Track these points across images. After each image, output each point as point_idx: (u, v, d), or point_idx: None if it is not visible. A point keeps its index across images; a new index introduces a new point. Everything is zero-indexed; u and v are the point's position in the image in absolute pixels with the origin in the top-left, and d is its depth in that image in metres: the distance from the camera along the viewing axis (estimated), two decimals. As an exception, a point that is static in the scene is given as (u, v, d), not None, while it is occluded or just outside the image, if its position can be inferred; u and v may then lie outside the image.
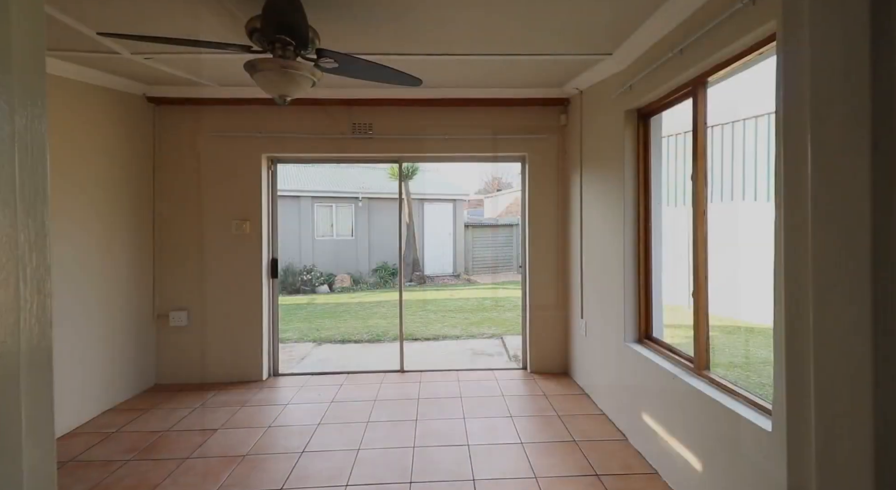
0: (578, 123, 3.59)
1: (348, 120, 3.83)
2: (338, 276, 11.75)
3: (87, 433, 2.92)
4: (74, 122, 3.04)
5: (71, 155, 3.00)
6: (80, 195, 3.07)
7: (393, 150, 3.89)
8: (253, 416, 3.19)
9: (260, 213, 3.83)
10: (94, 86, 3.17)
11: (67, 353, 2.96)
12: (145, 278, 3.71)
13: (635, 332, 2.79)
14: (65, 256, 2.93)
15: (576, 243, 3.67)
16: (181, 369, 3.83)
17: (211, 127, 3.76)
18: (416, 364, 4.41)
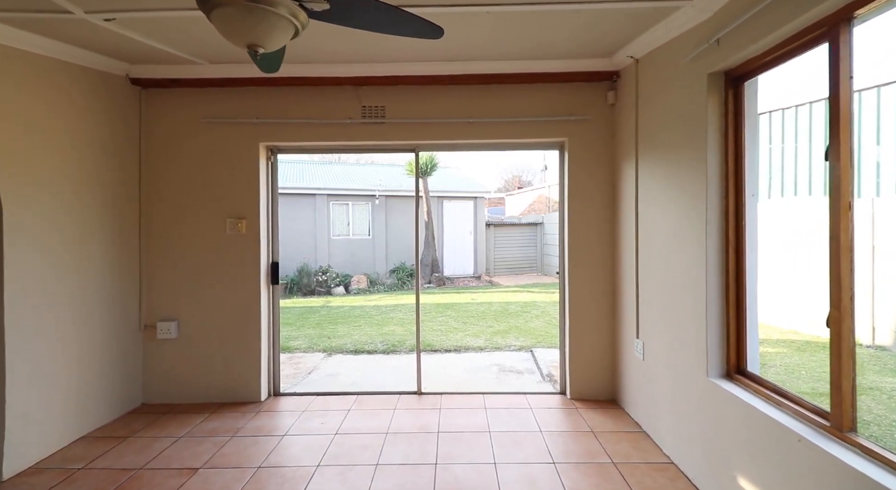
0: (633, 101, 2.94)
1: (357, 102, 3.28)
2: (354, 278, 11.32)
3: (50, 470, 2.47)
4: (43, 104, 2.59)
5: (38, 143, 2.55)
6: (48, 190, 2.62)
7: (408, 136, 3.33)
8: (242, 451, 2.68)
9: (257, 211, 3.33)
10: (68, 63, 2.72)
11: (32, 373, 2.51)
12: (130, 284, 3.26)
13: (721, 364, 2.15)
14: (29, 261, 2.48)
15: (629, 246, 3.03)
16: (170, 387, 3.38)
17: (203, 112, 3.29)
18: (436, 383, 3.84)
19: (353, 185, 12.64)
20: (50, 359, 2.63)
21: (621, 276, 3.19)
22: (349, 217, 12.37)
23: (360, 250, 12.21)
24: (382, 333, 6.12)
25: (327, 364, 4.67)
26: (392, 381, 4.00)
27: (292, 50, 2.75)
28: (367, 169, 15.11)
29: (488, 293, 9.99)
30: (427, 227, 11.73)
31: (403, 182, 13.00)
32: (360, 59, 2.96)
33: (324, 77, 3.07)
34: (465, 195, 13.27)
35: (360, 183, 12.85)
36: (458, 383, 3.86)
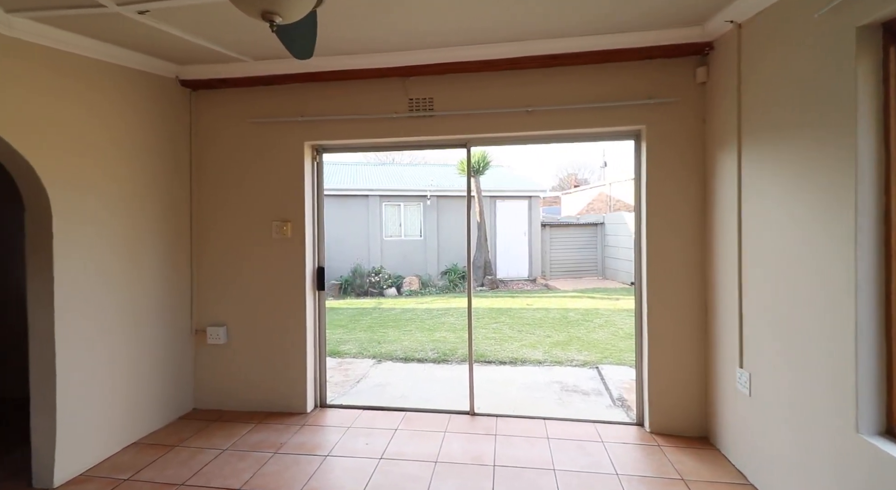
0: (733, 75, 2.39)
1: (404, 95, 3.02)
2: (406, 279, 11.24)
3: (97, 478, 2.45)
4: (96, 108, 2.59)
5: (90, 148, 2.55)
6: (99, 195, 2.61)
7: (459, 129, 3.00)
8: (282, 471, 2.51)
9: (303, 214, 3.18)
10: (120, 66, 2.71)
11: (83, 380, 2.50)
12: (181, 287, 3.24)
13: (880, 417, 1.59)
14: (77, 265, 2.47)
15: (727, 256, 2.48)
16: (220, 393, 3.33)
17: (250, 112, 3.19)
18: (490, 401, 3.49)
19: (404, 185, 12.60)
20: (100, 365, 2.62)
21: (716, 291, 2.64)
22: (401, 218, 12.33)
23: (412, 251, 12.13)
24: (433, 340, 5.86)
25: (376, 372, 4.49)
26: (442, 395, 3.70)
27: (335, 40, 2.54)
28: (419, 169, 15.06)
29: (545, 298, 9.43)
30: (479, 228, 11.38)
31: (455, 181, 12.75)
32: (408, 47, 2.68)
33: (368, 69, 2.84)
34: (518, 194, 12.74)
35: (411, 183, 12.79)
36: (515, 403, 3.48)
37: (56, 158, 2.36)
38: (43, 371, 2.35)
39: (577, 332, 6.15)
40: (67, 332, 2.41)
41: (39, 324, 2.35)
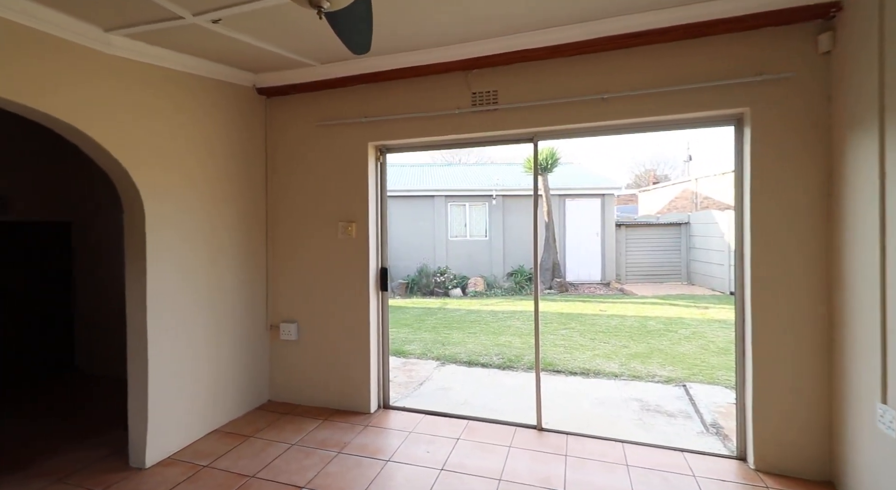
0: (873, 39, 1.92)
1: (466, 89, 2.89)
2: (471, 280, 11.13)
3: (181, 463, 2.63)
4: (183, 117, 2.80)
5: (177, 153, 2.76)
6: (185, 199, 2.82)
7: (525, 122, 2.80)
8: (345, 473, 2.50)
9: (366, 214, 3.19)
10: (204, 77, 2.91)
11: (170, 371, 2.71)
12: (257, 285, 3.42)
13: None
14: (166, 266, 2.69)
15: (864, 266, 2.00)
16: (292, 387, 3.46)
17: (318, 116, 3.28)
18: (559, 416, 3.23)
19: (469, 185, 12.51)
20: (184, 357, 2.82)
21: (847, 303, 2.15)
22: (466, 218, 12.26)
23: (477, 252, 12.00)
24: (498, 344, 5.66)
25: (440, 375, 4.41)
26: (507, 404, 3.50)
27: (395, 38, 2.47)
28: (484, 169, 14.90)
29: (620, 304, 8.76)
30: (547, 228, 10.92)
31: (522, 180, 12.38)
32: (471, 37, 2.55)
33: (429, 64, 2.75)
34: (590, 192, 12.01)
35: (476, 183, 12.67)
36: (587, 420, 3.18)
37: (147, 166, 2.57)
38: (138, 360, 2.58)
39: (658, 344, 5.57)
40: (157, 325, 2.62)
41: (135, 317, 2.58)
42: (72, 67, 2.20)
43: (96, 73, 2.30)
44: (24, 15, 1.98)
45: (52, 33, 2.10)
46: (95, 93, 2.30)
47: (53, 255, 4.22)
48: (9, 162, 3.89)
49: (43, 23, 2.05)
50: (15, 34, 1.99)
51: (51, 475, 2.47)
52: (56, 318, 4.22)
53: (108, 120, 2.35)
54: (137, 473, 2.50)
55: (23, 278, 4.00)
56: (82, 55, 2.24)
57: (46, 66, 2.10)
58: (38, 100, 2.05)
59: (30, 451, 2.72)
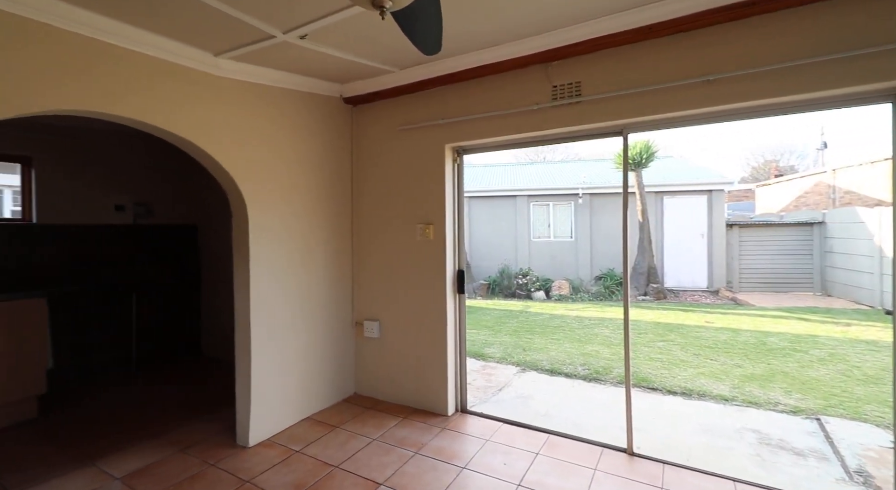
0: None
1: (546, 82, 2.72)
2: (555, 283, 10.67)
3: (277, 445, 2.87)
4: (278, 129, 3.07)
5: (274, 163, 3.03)
6: (282, 203, 3.09)
7: (613, 114, 2.54)
8: (421, 475, 2.51)
9: (443, 216, 3.19)
10: (296, 91, 3.15)
11: (269, 362, 2.98)
12: (344, 284, 3.62)
13: None
14: (265, 269, 2.96)
15: None
16: (375, 383, 3.61)
17: (398, 121, 3.37)
18: (654, 440, 2.88)
19: (553, 184, 12.01)
20: (281, 348, 3.08)
21: None
22: (550, 218, 11.80)
23: (562, 253, 11.47)
24: (584, 353, 5.31)
25: (520, 382, 4.25)
26: (593, 420, 3.24)
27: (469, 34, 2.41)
28: (570, 166, 14.20)
29: (732, 316, 7.68)
30: (641, 229, 10.01)
31: (611, 177, 11.55)
32: (549, 26, 2.38)
33: (506, 60, 2.63)
34: (694, 188, 10.75)
35: (561, 181, 12.11)
36: (689, 449, 2.79)
37: (250, 175, 2.85)
38: (243, 350, 2.88)
39: (782, 365, 4.74)
40: (258, 320, 2.89)
41: (241, 311, 2.88)
42: (190, 90, 2.53)
43: (209, 93, 2.62)
44: (156, 48, 2.32)
45: (177, 62, 2.43)
46: (209, 111, 2.61)
47: (184, 253, 4.95)
48: (152, 177, 4.67)
49: (170, 54, 2.38)
50: (149, 66, 2.34)
51: (177, 444, 2.87)
52: (186, 307, 4.94)
53: (218, 135, 2.66)
54: (242, 451, 2.79)
55: (160, 272, 4.74)
56: (198, 79, 2.56)
57: (171, 90, 2.44)
58: (165, 120, 2.39)
59: (163, 423, 3.20)
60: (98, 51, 2.13)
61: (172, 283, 4.81)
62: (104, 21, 2.08)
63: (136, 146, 4.37)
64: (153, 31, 2.24)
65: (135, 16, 2.07)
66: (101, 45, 2.14)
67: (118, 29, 2.14)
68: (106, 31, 2.12)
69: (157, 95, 2.36)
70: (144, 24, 2.15)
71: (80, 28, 2.04)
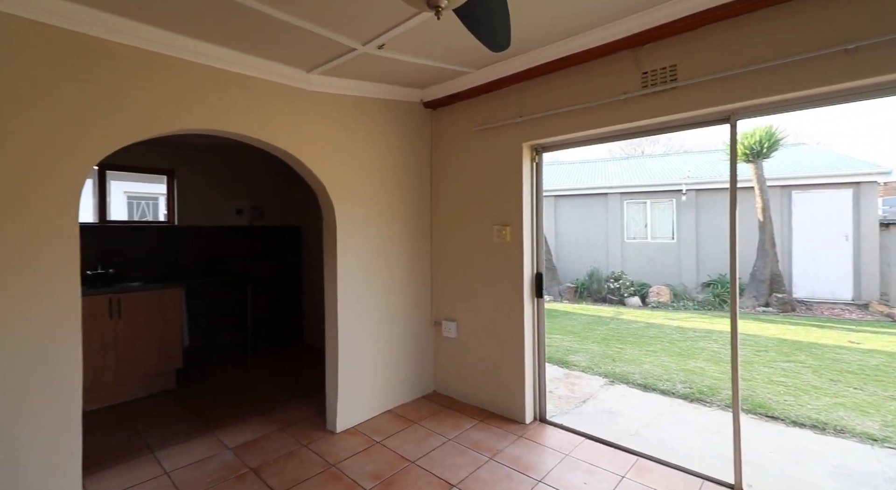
0: None
1: (635, 69, 2.46)
2: (653, 288, 9.75)
3: (361, 435, 3.03)
4: (364, 134, 3.25)
5: (359, 167, 3.21)
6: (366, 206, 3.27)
7: (717, 99, 2.21)
8: (494, 483, 2.45)
9: (521, 217, 3.09)
10: (378, 99, 3.31)
11: (354, 356, 3.17)
12: (423, 283, 3.70)
13: None
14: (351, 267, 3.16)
15: None
16: (453, 382, 3.64)
17: (475, 121, 3.35)
18: (773, 482, 2.45)
19: (651, 180, 10.96)
20: (365, 343, 3.25)
21: None
22: (647, 217, 10.79)
23: (661, 256, 10.42)
24: (685, 369, 4.75)
25: (607, 395, 3.95)
26: (692, 446, 2.87)
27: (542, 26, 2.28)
28: (671, 160, 12.84)
29: (887, 335, 6.25)
30: (762, 229, 8.65)
31: (724, 169, 10.16)
32: (637, 6, 2.15)
33: (588, 49, 2.44)
34: (833, 181, 8.97)
35: (660, 177, 11.00)
36: (819, 494, 2.31)
37: (338, 181, 3.07)
38: (332, 341, 3.11)
39: (963, 402, 3.71)
40: (345, 316, 3.10)
41: (330, 306, 3.11)
42: (287, 105, 2.80)
43: (302, 107, 2.87)
44: (257, 70, 2.61)
45: (276, 81, 2.71)
46: (302, 124, 2.87)
47: (289, 251, 5.53)
48: (263, 184, 5.30)
49: (270, 74, 2.66)
50: (252, 86, 2.64)
51: (278, 423, 3.20)
52: (290, 299, 5.52)
53: (310, 145, 2.90)
54: (330, 436, 3.01)
55: (269, 268, 5.36)
56: (293, 94, 2.83)
57: (271, 107, 2.72)
58: (266, 134, 2.68)
59: (268, 402, 3.60)
60: (210, 76, 2.46)
61: (279, 277, 5.41)
62: (215, 49, 2.39)
63: (253, 158, 5.00)
64: (256, 55, 2.52)
65: (240, 41, 2.35)
66: (213, 71, 2.47)
67: (227, 55, 2.45)
68: (217, 58, 2.43)
69: (259, 112, 2.66)
70: (248, 48, 2.44)
71: (197, 57, 2.37)
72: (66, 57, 2.01)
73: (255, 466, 2.63)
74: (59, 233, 1.98)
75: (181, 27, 2.17)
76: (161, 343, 3.77)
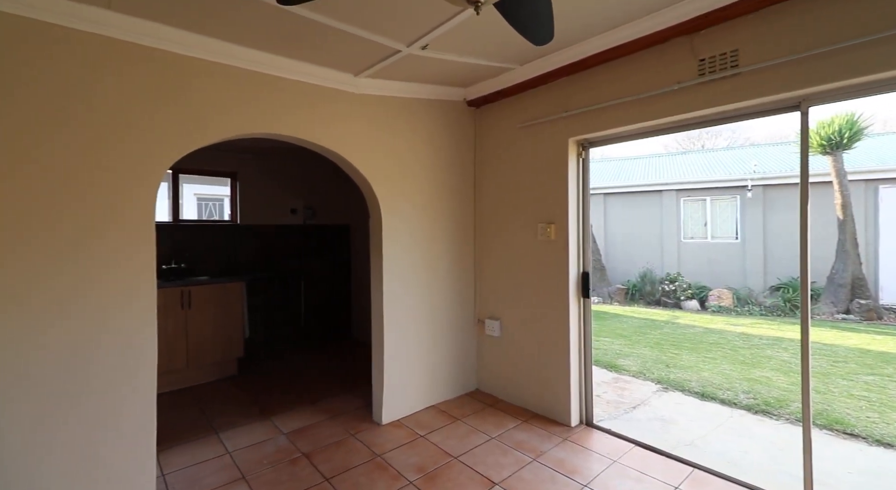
0: None
1: (691, 57, 2.32)
2: (713, 291, 9.12)
3: (405, 428, 3.10)
4: (413, 136, 3.32)
5: (403, 167, 3.29)
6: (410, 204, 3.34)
7: (785, 84, 2.02)
8: (538, 484, 2.41)
9: (566, 215, 3.01)
10: (423, 99, 3.37)
11: (398, 352, 3.25)
12: (466, 281, 3.72)
13: None
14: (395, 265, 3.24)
15: None
16: (496, 381, 3.63)
17: (519, 118, 3.31)
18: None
19: (711, 175, 10.24)
20: (408, 340, 3.32)
21: None
22: (706, 215, 10.10)
23: (723, 257, 9.71)
24: (750, 379, 4.41)
25: (660, 402, 3.76)
26: (755, 460, 2.66)
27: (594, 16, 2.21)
28: (734, 153, 11.91)
29: None
30: (842, 229, 7.80)
31: (795, 163, 9.29)
32: (697, -10, 2.03)
33: (639, 38, 2.33)
34: (935, 172, 7.92)
35: (722, 172, 10.25)
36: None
37: (383, 181, 3.15)
38: (377, 336, 3.21)
39: None
40: (390, 313, 3.18)
41: (376, 300, 3.21)
42: (335, 107, 2.92)
43: (349, 109, 2.98)
44: (308, 75, 2.74)
45: (325, 85, 2.84)
46: (349, 125, 2.98)
47: (339, 249, 5.77)
48: (315, 185, 5.55)
49: (319, 78, 2.79)
50: (302, 91, 2.78)
51: (328, 412, 3.36)
52: (339, 295, 5.75)
53: (357, 145, 3.01)
54: (376, 427, 3.11)
55: (320, 265, 5.61)
56: (341, 97, 2.94)
57: (320, 110, 2.85)
58: (315, 135, 2.81)
59: (319, 392, 3.78)
60: (267, 83, 2.61)
61: (329, 274, 5.66)
62: (271, 58, 2.54)
63: (306, 160, 5.26)
64: (309, 61, 2.66)
65: (294, 49, 2.49)
66: (270, 78, 2.61)
67: (282, 63, 2.60)
68: (273, 66, 2.58)
69: (308, 115, 2.79)
70: (302, 56, 2.58)
71: (255, 66, 2.53)
72: (156, 79, 2.22)
73: (306, 452, 2.77)
74: (140, 230, 2.19)
75: (239, 37, 2.33)
76: (225, 333, 4.07)
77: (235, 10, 2.02)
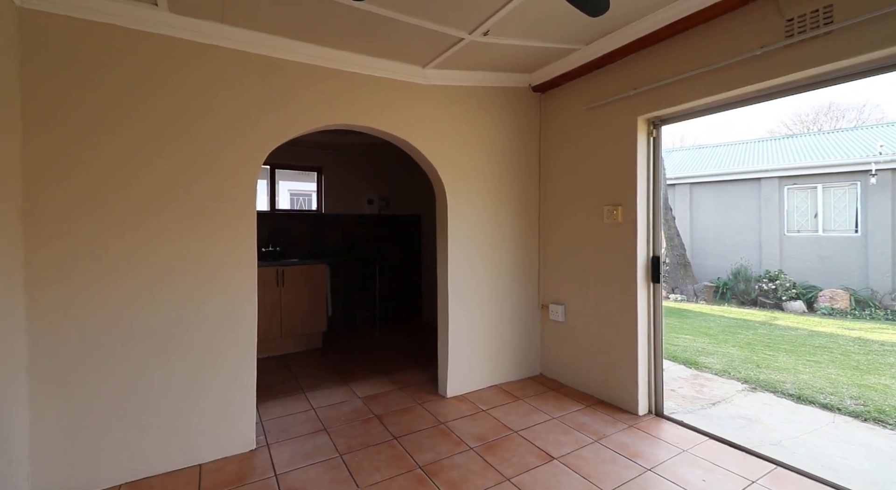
0: None
1: (777, 17, 2.13)
2: (824, 292, 7.99)
3: (468, 402, 3.26)
4: (475, 121, 3.44)
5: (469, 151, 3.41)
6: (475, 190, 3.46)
7: (891, 37, 1.78)
8: (598, 464, 2.42)
9: (634, 196, 2.92)
10: (488, 87, 3.46)
11: (461, 332, 3.40)
12: (531, 266, 3.75)
13: None
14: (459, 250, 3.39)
15: None
16: (559, 366, 3.63)
17: (585, 99, 3.26)
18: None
19: (824, 159, 8.90)
20: (473, 322, 3.46)
21: None
22: (817, 205, 8.82)
23: (838, 253, 8.43)
24: (861, 385, 3.87)
25: (745, 401, 3.47)
26: (857, 468, 2.37)
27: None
28: (853, 135, 10.21)
29: None
30: None
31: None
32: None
33: (714, 4, 2.19)
34: None
35: (836, 155, 8.86)
36: None
37: (450, 168, 3.31)
38: (443, 317, 3.39)
39: None
40: (455, 293, 3.35)
41: (442, 284, 3.39)
42: (407, 99, 3.13)
43: (418, 100, 3.18)
44: (384, 70, 2.99)
45: (398, 78, 3.07)
46: (419, 115, 3.18)
47: (411, 237, 6.10)
48: (389, 178, 5.93)
49: (393, 73, 3.02)
50: (379, 85, 3.03)
51: (398, 383, 3.63)
52: (411, 280, 6.08)
53: (425, 134, 3.20)
54: (441, 399, 3.31)
55: (393, 252, 5.98)
56: (411, 89, 3.14)
57: (394, 102, 3.08)
58: (390, 125, 3.05)
59: (390, 365, 4.10)
60: (345, 79, 2.89)
61: (402, 260, 6.02)
62: (348, 56, 2.81)
63: (382, 155, 5.64)
64: (379, 56, 2.89)
65: (367, 45, 2.72)
66: (347, 75, 2.89)
67: (357, 60, 2.85)
68: (350, 63, 2.85)
69: (383, 106, 3.03)
70: (374, 51, 2.81)
71: (335, 64, 2.83)
72: (261, 80, 2.61)
73: (378, 414, 3.05)
74: (243, 212, 2.59)
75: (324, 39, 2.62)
76: (312, 309, 4.57)
77: (317, 11, 2.27)
